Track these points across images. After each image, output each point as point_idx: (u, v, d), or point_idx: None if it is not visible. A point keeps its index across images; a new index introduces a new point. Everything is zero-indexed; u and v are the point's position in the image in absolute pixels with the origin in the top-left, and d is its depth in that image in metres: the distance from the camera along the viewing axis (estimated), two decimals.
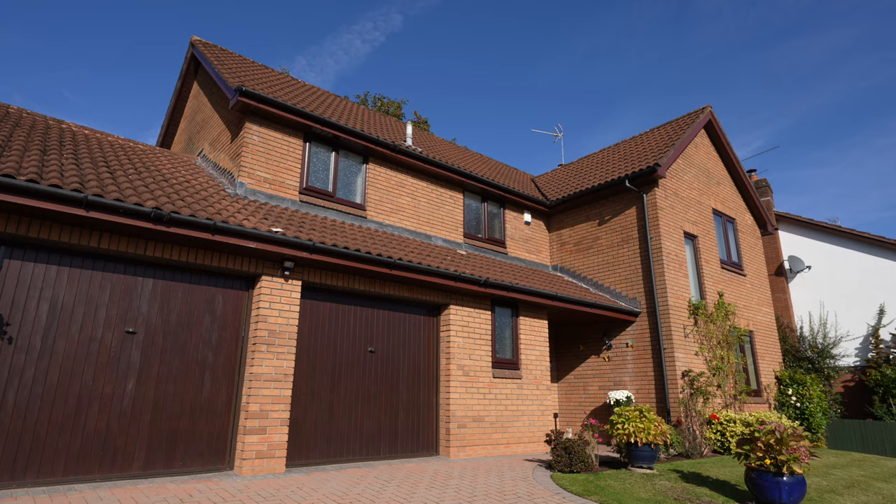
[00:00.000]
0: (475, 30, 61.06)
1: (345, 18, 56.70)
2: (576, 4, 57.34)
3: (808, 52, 56.14)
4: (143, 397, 5.75)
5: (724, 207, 13.42)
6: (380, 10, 54.80)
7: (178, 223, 5.64)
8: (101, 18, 51.47)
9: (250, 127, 8.75)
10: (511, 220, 12.60)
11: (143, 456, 5.63)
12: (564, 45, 64.36)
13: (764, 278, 14.15)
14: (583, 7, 57.57)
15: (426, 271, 7.78)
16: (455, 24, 60.18)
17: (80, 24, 51.74)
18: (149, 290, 6.01)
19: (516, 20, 60.28)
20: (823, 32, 52.49)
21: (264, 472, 6.14)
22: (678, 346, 10.40)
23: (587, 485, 6.45)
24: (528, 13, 59.16)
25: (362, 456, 7.35)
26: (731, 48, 61.29)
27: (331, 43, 55.61)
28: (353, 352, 7.58)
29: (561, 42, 64.15)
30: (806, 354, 15.33)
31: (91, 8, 49.22)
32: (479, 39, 62.57)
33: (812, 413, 12.19)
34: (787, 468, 5.77)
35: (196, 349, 6.22)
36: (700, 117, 13.00)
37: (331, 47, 54.94)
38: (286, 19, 58.95)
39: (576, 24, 61.92)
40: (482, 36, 62.35)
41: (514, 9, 57.99)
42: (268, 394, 6.36)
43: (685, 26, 61.01)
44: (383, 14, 54.99)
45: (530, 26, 61.40)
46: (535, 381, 9.43)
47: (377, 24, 55.21)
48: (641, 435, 7.34)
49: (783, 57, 58.30)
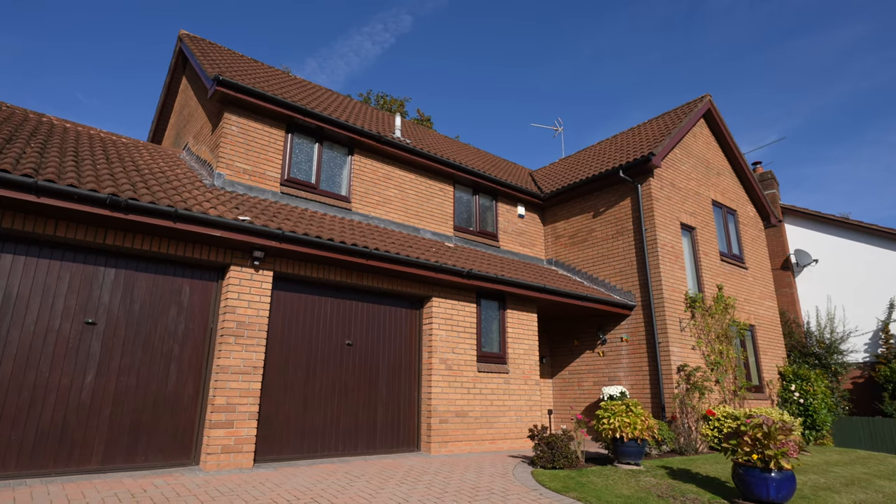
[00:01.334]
0: (480, 31, 60.82)
1: (355, 20, 56.78)
2: (581, 6, 56.88)
3: (819, 49, 55.19)
4: (104, 390, 5.58)
5: (724, 199, 13.05)
6: (390, 11, 54.80)
7: (136, 210, 5.48)
8: (113, 22, 51.94)
9: (229, 117, 8.60)
10: (504, 214, 12.34)
11: (102, 450, 5.46)
12: (569, 47, 63.91)
13: (767, 271, 13.75)
14: (588, 9, 57.08)
15: (404, 262, 7.56)
16: (462, 25, 60.00)
17: (93, 28, 52.26)
18: (111, 280, 5.85)
19: (522, 22, 59.94)
20: (834, 29, 51.55)
21: (230, 468, 5.96)
22: (674, 340, 10.08)
23: (567, 481, 6.20)
24: (534, 15, 58.79)
25: (339, 452, 7.14)
26: (739, 48, 60.46)
27: (341, 45, 55.74)
28: (329, 345, 7.38)
29: (566, 44, 63.70)
30: (813, 350, 14.87)
31: (104, 12, 49.69)
32: (485, 40, 62.32)
33: (816, 409, 11.80)
34: (775, 463, 5.48)
35: (161, 341, 6.05)
36: (699, 106, 12.66)
37: (341, 49, 55.07)
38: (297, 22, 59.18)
39: (581, 26, 61.42)
40: (487, 37, 62.09)
41: (520, 11, 57.67)
42: (235, 387, 6.17)
43: (692, 26, 60.28)
44: (393, 15, 55.00)
45: (535, 28, 61.02)
46: (523, 376, 9.17)
47: (387, 26, 55.23)
48: (627, 430, 7.06)
49: (792, 55, 57.36)
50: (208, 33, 53.76)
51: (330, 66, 52.80)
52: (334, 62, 53.54)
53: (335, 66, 52.99)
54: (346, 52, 54.98)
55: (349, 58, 54.82)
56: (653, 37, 63.46)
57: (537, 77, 66.77)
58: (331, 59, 54.34)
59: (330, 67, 52.67)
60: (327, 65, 52.84)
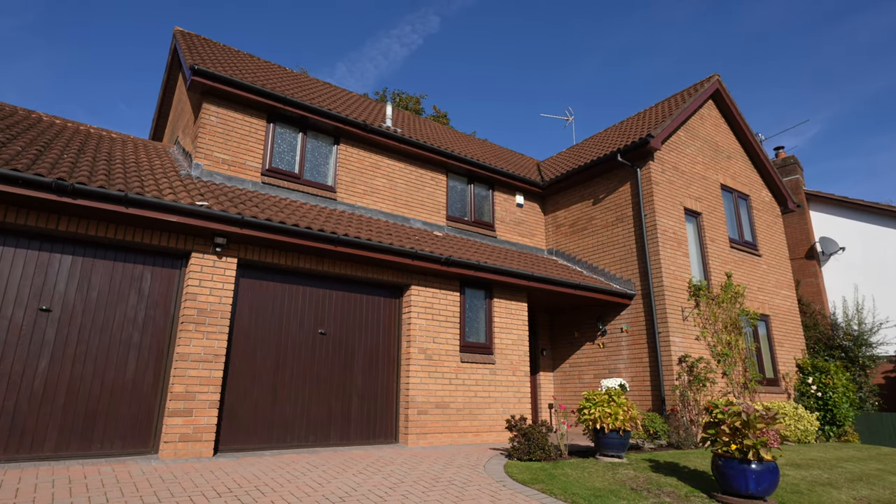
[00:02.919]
0: (505, 31, 60.31)
1: (384, 23, 57.14)
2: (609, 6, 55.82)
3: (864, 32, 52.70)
4: (58, 377, 5.54)
5: (735, 183, 12.43)
6: (418, 12, 54.98)
7: (84, 195, 5.42)
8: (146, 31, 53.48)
9: (208, 107, 8.56)
10: (501, 203, 12.02)
11: (55, 437, 5.42)
12: (594, 47, 62.72)
13: (784, 259, 13.04)
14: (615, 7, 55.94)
15: (376, 248, 7.35)
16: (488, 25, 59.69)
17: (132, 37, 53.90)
18: (67, 266, 5.82)
19: (545, 24, 59.17)
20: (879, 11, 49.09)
21: (188, 456, 5.85)
22: (674, 330, 9.60)
23: (538, 473, 5.88)
24: (557, 16, 57.95)
25: (310, 442, 6.98)
26: (777, 34, 58.32)
27: (370, 48, 56.19)
28: (301, 333, 7.23)
29: (591, 43, 62.55)
30: (839, 342, 14.04)
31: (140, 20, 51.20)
32: (508, 40, 61.76)
33: (836, 404, 11.09)
34: (754, 454, 5.06)
35: (120, 328, 5.99)
36: (705, 87, 12.09)
37: (370, 52, 55.51)
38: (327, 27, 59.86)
39: (609, 25, 60.26)
40: (511, 37, 61.52)
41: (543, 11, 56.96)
42: (195, 374, 6.07)
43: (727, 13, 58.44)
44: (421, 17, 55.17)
45: (557, 30, 60.15)
46: (511, 367, 8.85)
47: (415, 27, 55.43)
48: (608, 420, 6.69)
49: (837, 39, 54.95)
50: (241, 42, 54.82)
51: (359, 69, 53.35)
52: (363, 66, 54.02)
53: (364, 69, 53.47)
54: (375, 56, 55.46)
55: (378, 60, 55.24)
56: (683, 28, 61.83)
57: (562, 77, 65.85)
58: (359, 62, 54.85)
59: (359, 71, 53.23)
60: (356, 68, 53.39)
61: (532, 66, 64.47)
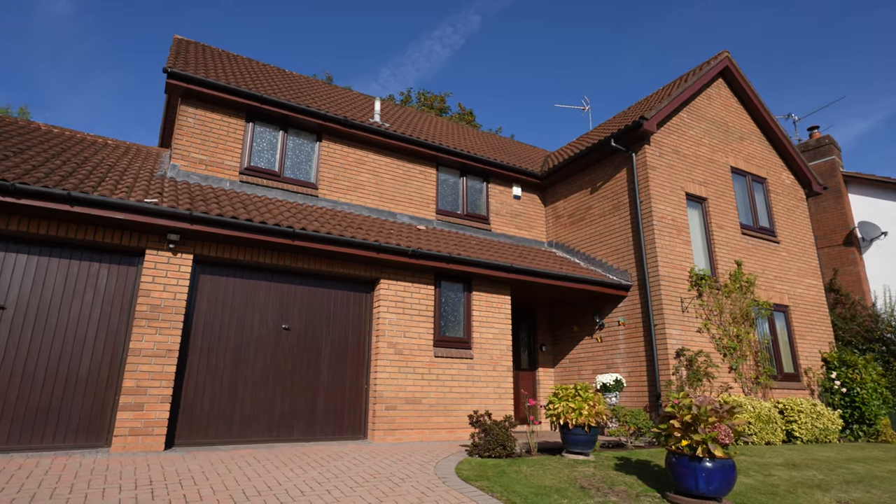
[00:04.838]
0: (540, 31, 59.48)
1: (426, 25, 57.59)
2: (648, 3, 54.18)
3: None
4: (10, 373, 5.70)
5: (748, 166, 11.66)
6: (459, 13, 55.14)
7: (27, 194, 5.56)
8: None
9: (185, 109, 8.71)
10: (497, 195, 11.72)
11: (6, 431, 5.58)
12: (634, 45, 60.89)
13: (808, 246, 12.12)
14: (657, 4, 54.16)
15: (339, 241, 7.25)
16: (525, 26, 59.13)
17: None
18: (21, 265, 5.99)
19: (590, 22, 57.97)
20: None
21: (137, 450, 5.91)
22: (672, 322, 9.06)
23: (489, 470, 5.63)
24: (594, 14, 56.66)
25: (272, 438, 6.95)
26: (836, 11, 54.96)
27: (412, 51, 56.76)
28: (264, 329, 7.21)
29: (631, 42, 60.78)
30: (879, 335, 12.95)
31: None
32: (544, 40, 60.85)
33: (865, 400, 10.20)
34: (704, 450, 4.65)
35: (75, 325, 6.12)
36: (711, 65, 11.40)
37: (412, 55, 56.07)
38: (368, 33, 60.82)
39: (650, 22, 58.42)
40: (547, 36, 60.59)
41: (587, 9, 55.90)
42: (147, 369, 6.14)
43: None
44: (462, 17, 55.30)
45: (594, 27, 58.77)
46: (490, 362, 8.56)
47: (457, 28, 55.62)
48: (572, 415, 6.34)
49: None
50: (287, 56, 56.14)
51: (402, 72, 53.95)
52: (406, 69, 54.58)
53: (406, 72, 54.01)
54: (417, 58, 56.00)
55: (420, 63, 55.73)
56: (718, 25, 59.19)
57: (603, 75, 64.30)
58: (402, 65, 55.45)
59: (402, 74, 53.81)
60: (399, 72, 54.00)
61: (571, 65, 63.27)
